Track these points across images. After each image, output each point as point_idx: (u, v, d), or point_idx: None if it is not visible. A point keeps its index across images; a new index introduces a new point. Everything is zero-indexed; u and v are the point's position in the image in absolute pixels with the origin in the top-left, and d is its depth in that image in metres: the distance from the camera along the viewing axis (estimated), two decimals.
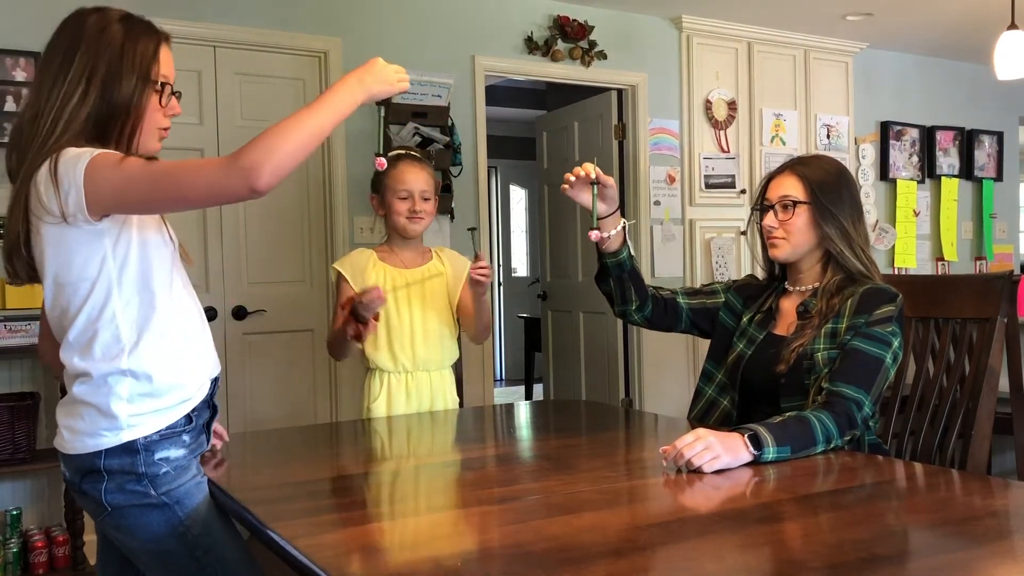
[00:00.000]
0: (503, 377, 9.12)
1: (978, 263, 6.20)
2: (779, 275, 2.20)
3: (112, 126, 1.59)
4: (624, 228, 2.16)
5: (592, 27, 4.67)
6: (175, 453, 1.62)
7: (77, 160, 1.50)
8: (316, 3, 4.02)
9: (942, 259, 5.99)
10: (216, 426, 1.99)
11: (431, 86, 4.10)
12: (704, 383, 2.21)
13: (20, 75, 3.41)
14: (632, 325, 2.38)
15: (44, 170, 1.52)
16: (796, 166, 2.09)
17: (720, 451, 1.65)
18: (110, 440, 1.57)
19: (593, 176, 2.04)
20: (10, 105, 3.38)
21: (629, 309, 2.24)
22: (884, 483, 1.67)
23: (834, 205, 2.03)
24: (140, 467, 1.58)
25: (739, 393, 2.11)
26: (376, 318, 2.39)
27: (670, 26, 4.98)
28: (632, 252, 2.20)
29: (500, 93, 6.54)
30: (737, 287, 2.27)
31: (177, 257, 1.70)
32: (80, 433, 1.59)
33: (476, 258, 2.42)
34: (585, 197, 2.09)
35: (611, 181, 2.08)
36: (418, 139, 4.11)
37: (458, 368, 2.79)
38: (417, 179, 2.54)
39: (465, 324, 2.62)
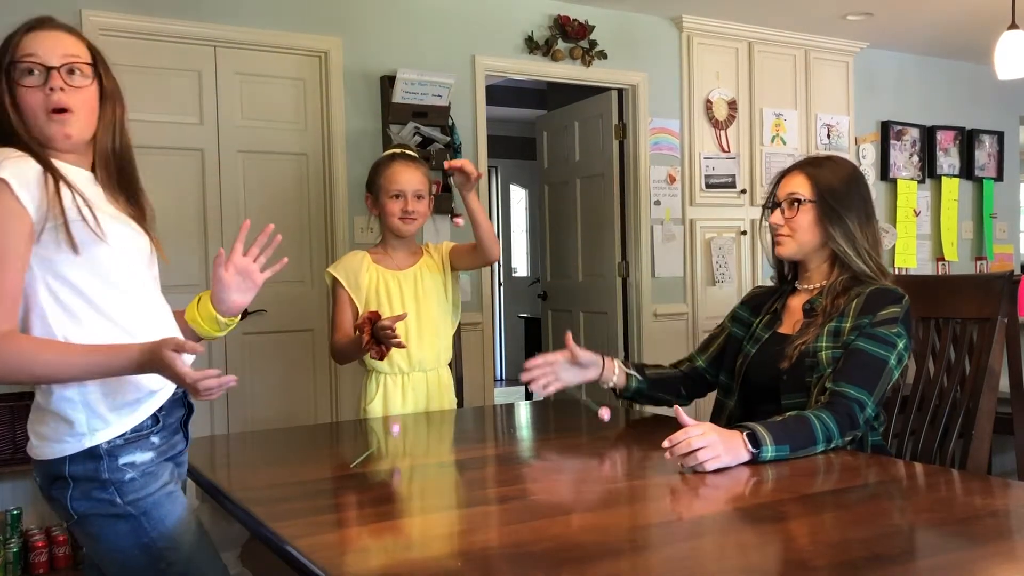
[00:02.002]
0: (503, 377, 9.11)
1: (978, 263, 6.20)
2: (789, 275, 2.21)
3: None
4: (615, 369, 2.22)
5: (592, 27, 4.67)
6: (141, 457, 1.59)
7: None
8: (316, 3, 4.02)
9: (942, 259, 5.99)
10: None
11: (431, 86, 4.10)
12: (720, 394, 2.22)
13: None
14: None
15: None
16: (806, 166, 2.10)
17: (721, 451, 1.65)
18: (73, 446, 1.55)
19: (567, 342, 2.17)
20: None
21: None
22: (884, 483, 1.67)
23: (841, 207, 2.02)
24: (104, 473, 1.55)
25: (741, 391, 2.11)
26: (394, 331, 2.34)
27: (670, 26, 4.98)
28: (640, 376, 2.23)
29: (500, 93, 6.53)
30: (744, 301, 2.28)
31: (151, 255, 1.68)
32: (45, 439, 1.58)
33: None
34: (568, 375, 2.20)
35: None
36: (418, 139, 4.11)
37: (458, 368, 2.79)
38: (410, 179, 2.53)
39: (474, 247, 2.57)
